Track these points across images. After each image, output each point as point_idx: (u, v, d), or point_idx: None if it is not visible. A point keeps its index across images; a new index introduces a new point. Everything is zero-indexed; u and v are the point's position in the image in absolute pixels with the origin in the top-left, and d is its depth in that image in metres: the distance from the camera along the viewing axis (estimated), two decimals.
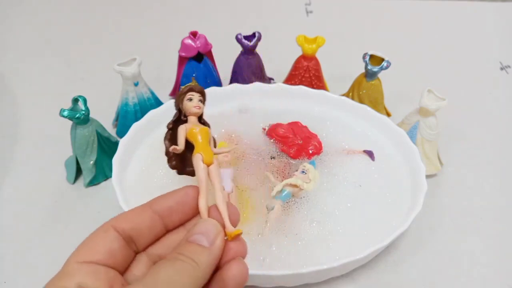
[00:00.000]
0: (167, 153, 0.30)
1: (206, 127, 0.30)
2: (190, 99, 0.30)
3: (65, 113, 0.42)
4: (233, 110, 0.50)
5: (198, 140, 0.29)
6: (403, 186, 0.43)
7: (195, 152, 0.28)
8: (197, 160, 0.28)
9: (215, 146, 0.32)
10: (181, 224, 0.26)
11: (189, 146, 0.29)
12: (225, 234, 0.25)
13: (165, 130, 0.30)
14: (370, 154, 0.45)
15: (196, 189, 0.26)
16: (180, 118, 0.30)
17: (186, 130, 0.29)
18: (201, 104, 0.30)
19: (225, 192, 0.39)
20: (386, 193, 0.42)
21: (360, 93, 0.52)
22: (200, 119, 0.31)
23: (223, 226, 0.25)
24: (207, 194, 0.27)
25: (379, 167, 0.45)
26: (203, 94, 0.31)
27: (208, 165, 0.28)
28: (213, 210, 0.26)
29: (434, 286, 0.39)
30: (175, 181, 0.42)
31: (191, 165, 0.29)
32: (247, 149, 0.45)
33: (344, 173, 0.44)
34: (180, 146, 0.29)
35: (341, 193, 0.42)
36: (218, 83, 0.55)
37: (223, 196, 0.27)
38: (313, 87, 0.52)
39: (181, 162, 0.30)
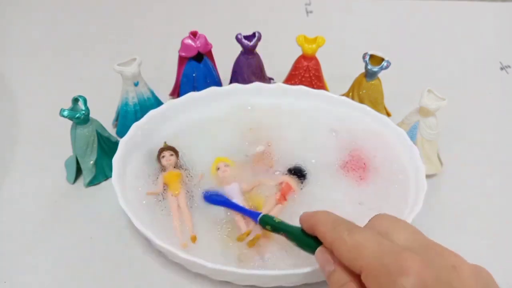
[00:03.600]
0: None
1: (177, 172, 0.43)
2: (163, 156, 0.44)
3: (65, 113, 0.42)
4: (233, 109, 0.50)
5: (170, 182, 0.42)
6: (403, 186, 0.43)
7: (168, 190, 0.42)
8: (169, 196, 0.41)
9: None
10: None
11: None
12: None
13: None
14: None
15: None
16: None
17: (163, 177, 0.43)
18: (171, 157, 0.44)
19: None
20: (385, 193, 0.42)
21: (360, 93, 0.52)
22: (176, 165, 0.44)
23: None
24: (178, 216, 0.40)
25: (379, 167, 0.45)
26: (172, 149, 0.44)
27: (177, 196, 0.41)
28: None
29: None
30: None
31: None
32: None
33: (344, 172, 0.44)
34: (158, 189, 0.42)
35: (339, 190, 0.42)
36: (218, 83, 0.55)
37: (188, 214, 0.40)
38: (313, 87, 0.52)
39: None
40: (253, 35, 0.52)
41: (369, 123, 0.48)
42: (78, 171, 0.46)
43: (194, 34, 0.52)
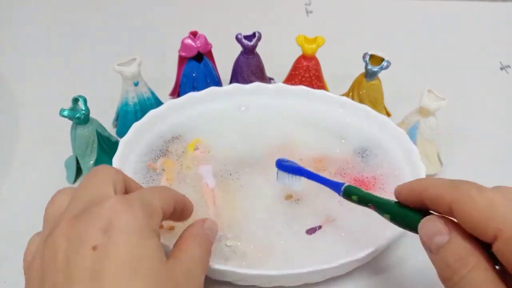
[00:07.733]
0: None
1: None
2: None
3: (65, 113, 0.42)
4: (233, 108, 0.50)
5: None
6: None
7: None
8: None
9: None
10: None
11: None
12: None
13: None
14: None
15: None
16: None
17: None
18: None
19: (209, 188, 0.42)
20: (384, 193, 0.42)
21: (360, 93, 0.52)
22: None
23: None
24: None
25: (379, 167, 0.45)
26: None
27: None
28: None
29: (435, 286, 0.39)
30: (174, 180, 0.43)
31: None
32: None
33: (344, 174, 0.44)
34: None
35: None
36: (218, 83, 0.55)
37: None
38: (313, 87, 0.52)
39: None
40: (253, 35, 0.52)
41: (368, 123, 0.48)
42: (78, 171, 0.46)
43: (194, 34, 0.52)
